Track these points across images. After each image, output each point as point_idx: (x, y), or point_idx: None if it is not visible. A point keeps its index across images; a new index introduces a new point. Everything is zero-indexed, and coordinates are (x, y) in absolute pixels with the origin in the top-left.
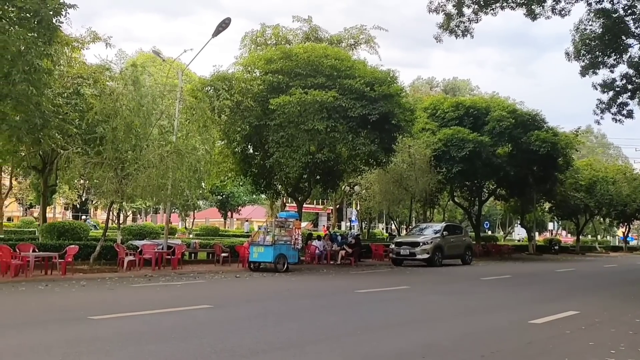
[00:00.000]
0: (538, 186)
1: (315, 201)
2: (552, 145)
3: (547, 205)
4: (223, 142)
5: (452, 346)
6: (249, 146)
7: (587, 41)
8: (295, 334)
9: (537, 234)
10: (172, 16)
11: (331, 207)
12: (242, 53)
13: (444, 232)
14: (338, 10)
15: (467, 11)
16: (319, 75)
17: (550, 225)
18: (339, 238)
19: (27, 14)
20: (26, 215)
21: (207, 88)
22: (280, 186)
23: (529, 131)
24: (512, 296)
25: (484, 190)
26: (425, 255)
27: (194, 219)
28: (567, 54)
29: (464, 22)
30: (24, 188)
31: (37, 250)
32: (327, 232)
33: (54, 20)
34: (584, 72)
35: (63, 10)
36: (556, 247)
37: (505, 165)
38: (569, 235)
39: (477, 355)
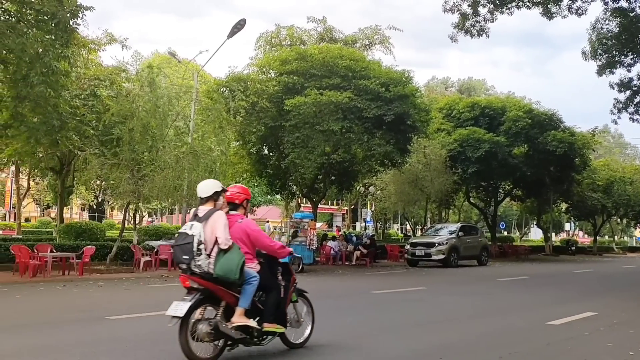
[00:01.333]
0: (555, 187)
1: (330, 202)
2: (569, 145)
3: (563, 206)
4: (238, 143)
5: (469, 347)
6: (264, 147)
7: (604, 40)
8: (311, 334)
9: (553, 234)
10: (186, 17)
11: (346, 208)
12: (257, 54)
13: (459, 233)
14: (352, 10)
15: (482, 11)
16: (334, 76)
17: (567, 226)
18: (354, 239)
19: (45, 17)
20: (43, 216)
21: (222, 89)
22: (295, 187)
23: (545, 131)
24: (530, 297)
25: (500, 190)
26: (441, 256)
27: None
28: (583, 53)
29: (479, 22)
30: (42, 189)
31: (54, 251)
32: (339, 233)
33: (71, 23)
34: (600, 71)
35: (80, 12)
36: (573, 248)
37: (521, 166)
38: (586, 236)
39: (495, 356)
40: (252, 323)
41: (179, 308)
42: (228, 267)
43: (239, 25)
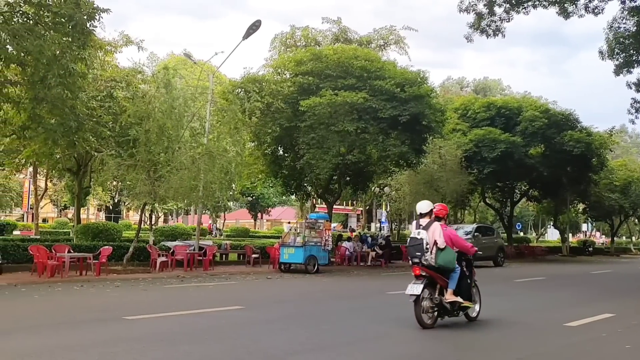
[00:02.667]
0: (572, 187)
1: (345, 202)
2: (586, 145)
3: (580, 207)
4: (254, 144)
5: (487, 348)
6: (280, 148)
7: (621, 39)
8: (328, 335)
9: (570, 235)
10: (201, 19)
11: (361, 209)
12: (272, 55)
13: (475, 234)
14: (367, 11)
15: (498, 10)
16: (349, 77)
17: (584, 227)
18: (369, 239)
19: (62, 19)
20: (61, 217)
21: (237, 90)
22: (310, 187)
23: (562, 131)
24: (547, 298)
25: (516, 191)
26: None
27: (224, 220)
28: (600, 52)
29: (495, 22)
30: (59, 190)
31: (72, 251)
32: (352, 234)
33: (88, 25)
34: (618, 70)
35: (97, 14)
36: (590, 249)
37: (538, 166)
38: (603, 236)
39: (512, 358)
40: (459, 299)
41: (415, 289)
42: (447, 260)
43: (254, 27)
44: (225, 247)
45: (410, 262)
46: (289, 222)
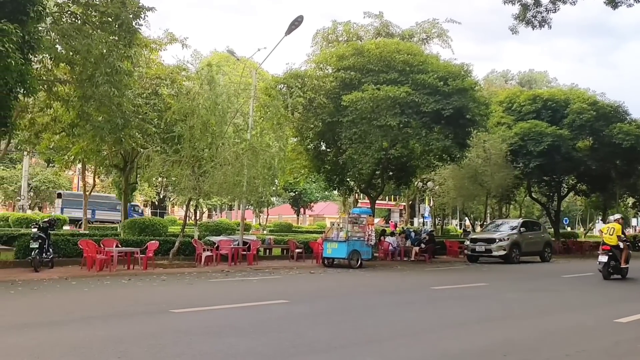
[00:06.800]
0: (621, 181)
1: (387, 197)
2: (636, 137)
3: (630, 201)
4: (296, 139)
5: (534, 344)
6: (322, 143)
7: None
8: (372, 330)
9: None
10: (244, 15)
11: (404, 203)
12: (314, 50)
13: (521, 229)
14: (409, 4)
15: (544, 1)
16: (391, 71)
17: (633, 222)
18: (413, 234)
19: (109, 18)
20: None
21: (280, 86)
22: (353, 182)
23: (611, 124)
24: (596, 294)
25: (564, 185)
26: (502, 252)
27: (267, 215)
28: None
29: (541, 12)
30: (106, 186)
31: (120, 246)
32: (394, 227)
33: (133, 24)
34: None
35: (142, 13)
36: None
37: (586, 160)
38: None
39: (561, 354)
40: None
41: None
42: None
43: (296, 22)
44: (268, 242)
45: None
46: (341, 216)
